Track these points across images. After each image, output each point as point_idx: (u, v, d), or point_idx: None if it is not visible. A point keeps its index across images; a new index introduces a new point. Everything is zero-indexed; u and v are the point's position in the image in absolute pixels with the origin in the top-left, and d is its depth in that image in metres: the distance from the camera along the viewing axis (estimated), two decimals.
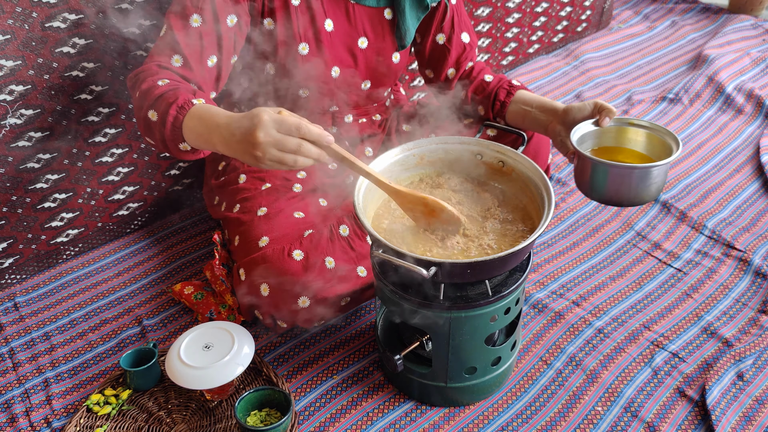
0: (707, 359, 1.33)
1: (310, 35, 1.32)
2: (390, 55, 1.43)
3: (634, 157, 1.32)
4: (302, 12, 1.31)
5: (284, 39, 1.31)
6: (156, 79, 1.14)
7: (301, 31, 1.31)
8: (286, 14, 1.30)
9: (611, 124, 1.31)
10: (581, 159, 1.24)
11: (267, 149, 0.98)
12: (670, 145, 1.25)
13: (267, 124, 0.97)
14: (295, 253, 1.26)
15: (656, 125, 1.29)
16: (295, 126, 0.98)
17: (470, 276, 1.06)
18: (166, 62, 1.18)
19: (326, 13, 1.33)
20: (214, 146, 1.06)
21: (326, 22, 1.33)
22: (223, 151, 1.05)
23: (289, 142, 0.98)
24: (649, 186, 1.23)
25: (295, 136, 0.98)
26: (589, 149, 1.32)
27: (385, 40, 1.41)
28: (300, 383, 1.31)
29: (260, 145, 0.97)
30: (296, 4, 1.30)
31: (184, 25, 1.19)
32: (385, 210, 1.23)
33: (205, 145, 1.09)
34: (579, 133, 1.28)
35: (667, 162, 1.20)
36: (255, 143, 0.98)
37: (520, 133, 1.25)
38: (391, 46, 1.42)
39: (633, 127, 1.31)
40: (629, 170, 1.21)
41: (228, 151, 1.04)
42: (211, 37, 1.21)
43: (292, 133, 0.98)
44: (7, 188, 1.42)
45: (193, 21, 1.19)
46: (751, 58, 2.32)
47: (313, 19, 1.32)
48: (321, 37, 1.33)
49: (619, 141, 1.33)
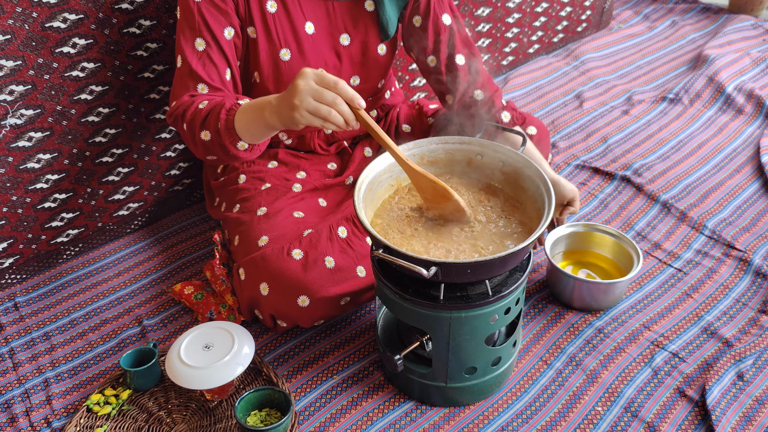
0: (707, 359, 1.33)
1: (290, 40, 1.33)
2: (375, 48, 1.42)
3: (601, 261, 1.53)
4: (280, 18, 1.32)
5: (265, 46, 1.32)
6: (196, 104, 1.22)
7: (281, 38, 1.32)
8: (264, 22, 1.31)
9: (581, 230, 1.52)
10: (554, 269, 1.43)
11: (304, 97, 1.04)
12: (633, 256, 1.44)
13: (308, 74, 1.04)
14: (295, 253, 1.26)
15: (623, 235, 1.48)
16: (333, 81, 1.04)
17: (470, 276, 1.06)
18: (194, 92, 1.25)
19: (305, 15, 1.34)
20: (266, 121, 1.12)
21: (306, 25, 1.34)
22: (273, 119, 1.11)
23: (326, 95, 1.04)
24: (609, 296, 1.42)
25: (332, 90, 1.04)
26: (560, 251, 1.53)
27: (369, 33, 1.40)
28: (300, 383, 1.31)
29: (299, 92, 1.04)
30: (273, 12, 1.31)
31: (194, 52, 1.26)
32: (383, 211, 1.23)
33: (259, 129, 1.15)
34: (553, 238, 1.49)
35: (626, 279, 1.39)
36: (294, 92, 1.04)
37: (521, 133, 1.26)
38: (375, 38, 1.41)
39: (601, 233, 1.51)
40: (594, 284, 1.40)
41: (275, 115, 1.10)
42: (218, 55, 1.27)
43: (330, 87, 1.04)
44: (7, 188, 1.42)
45: (199, 45, 1.26)
46: (751, 58, 2.32)
47: (293, 24, 1.33)
48: (302, 41, 1.33)
49: (588, 245, 1.53)
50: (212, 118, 1.18)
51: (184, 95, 1.25)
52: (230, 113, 1.16)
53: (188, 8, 1.25)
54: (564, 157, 1.92)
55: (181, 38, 1.27)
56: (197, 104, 1.22)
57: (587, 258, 1.54)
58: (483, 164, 1.26)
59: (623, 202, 1.75)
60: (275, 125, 1.12)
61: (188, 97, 1.24)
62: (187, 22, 1.26)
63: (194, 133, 1.21)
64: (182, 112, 1.23)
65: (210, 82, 1.26)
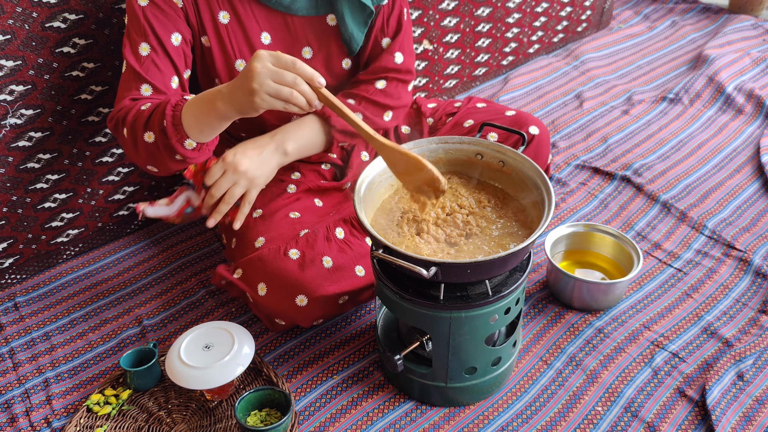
0: (707, 359, 1.33)
1: (245, 51, 1.31)
2: (340, 62, 1.40)
3: (601, 261, 1.53)
4: (233, 29, 1.29)
5: (220, 57, 1.30)
6: (138, 106, 1.17)
7: (235, 48, 1.30)
8: (217, 33, 1.29)
9: (581, 230, 1.52)
10: (554, 269, 1.42)
11: (264, 80, 1.00)
12: (633, 256, 1.44)
13: (263, 56, 1.01)
14: (291, 252, 1.26)
15: (623, 235, 1.48)
16: (291, 61, 1.01)
17: (470, 276, 1.06)
18: (137, 95, 1.21)
19: (261, 26, 1.31)
20: (218, 111, 1.08)
21: (262, 36, 1.31)
22: (226, 108, 1.07)
23: (286, 76, 1.01)
24: (609, 296, 1.42)
25: (290, 71, 1.01)
26: (560, 252, 1.53)
27: (331, 48, 1.38)
28: (300, 383, 1.31)
29: (257, 75, 1.00)
30: (225, 23, 1.28)
31: (137, 57, 1.21)
32: (382, 212, 1.23)
33: (209, 122, 1.10)
34: (553, 238, 1.49)
35: (626, 279, 1.39)
36: (252, 75, 1.00)
37: (521, 133, 1.26)
38: (339, 53, 1.39)
39: (601, 233, 1.51)
40: (594, 284, 1.40)
41: (229, 104, 1.06)
42: (164, 61, 1.23)
43: (288, 68, 1.01)
44: (7, 188, 1.42)
45: (143, 50, 1.21)
46: (751, 58, 2.32)
47: (246, 34, 1.30)
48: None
49: (588, 245, 1.53)
50: (156, 117, 1.12)
51: (125, 98, 1.20)
52: (176, 108, 1.11)
53: (134, 12, 1.21)
54: (564, 157, 1.92)
55: (126, 43, 1.23)
56: (139, 106, 1.16)
57: (587, 258, 1.54)
58: (483, 164, 1.26)
59: (623, 202, 1.75)
60: (229, 114, 1.08)
61: (130, 101, 1.19)
62: (132, 26, 1.22)
63: (136, 137, 1.15)
64: (123, 115, 1.18)
65: (155, 84, 1.21)
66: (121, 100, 1.21)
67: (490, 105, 1.56)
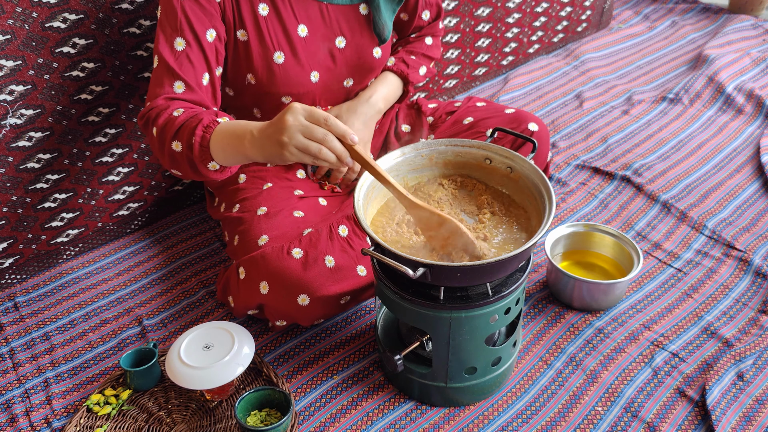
0: (707, 359, 1.33)
1: (283, 43, 1.32)
2: (371, 51, 1.42)
3: (601, 261, 1.53)
4: (272, 21, 1.30)
5: (258, 49, 1.31)
6: (170, 111, 1.17)
7: (274, 40, 1.31)
8: (256, 25, 1.29)
9: (581, 230, 1.52)
10: (554, 269, 1.43)
11: (294, 134, 1.00)
12: (633, 256, 1.44)
13: (297, 110, 1.01)
14: (295, 252, 1.26)
15: (623, 235, 1.48)
16: (323, 117, 1.01)
17: (461, 279, 1.05)
18: (170, 92, 1.21)
19: (298, 18, 1.32)
20: (245, 152, 1.08)
21: (299, 28, 1.33)
22: (254, 152, 1.07)
23: (316, 131, 1.00)
24: (609, 296, 1.42)
25: (321, 126, 1.01)
26: (560, 252, 1.53)
27: (364, 36, 1.40)
28: (300, 383, 1.31)
29: (288, 129, 1.00)
30: (265, 14, 1.30)
31: (172, 52, 1.21)
32: (385, 210, 1.23)
33: (235, 156, 1.11)
34: (553, 238, 1.49)
35: (626, 279, 1.39)
36: (283, 128, 1.01)
37: (531, 140, 1.24)
38: (370, 41, 1.41)
39: (601, 233, 1.51)
40: (594, 284, 1.40)
41: (258, 150, 1.06)
42: (198, 57, 1.23)
43: (320, 123, 1.01)
44: (7, 188, 1.42)
45: (178, 45, 1.21)
46: (751, 58, 2.32)
47: (285, 26, 1.31)
48: (295, 43, 1.32)
49: (588, 245, 1.53)
50: (186, 131, 1.13)
51: (159, 97, 1.20)
52: (207, 131, 1.11)
53: (171, 6, 1.21)
54: (564, 157, 1.92)
55: (160, 37, 1.22)
56: (172, 111, 1.16)
57: (587, 258, 1.54)
58: (491, 169, 1.26)
59: (623, 202, 1.75)
60: (255, 158, 1.09)
61: (164, 101, 1.19)
62: (168, 20, 1.22)
63: (164, 142, 1.16)
64: (155, 116, 1.18)
65: (187, 80, 1.21)
66: (155, 97, 1.21)
67: (489, 104, 1.57)
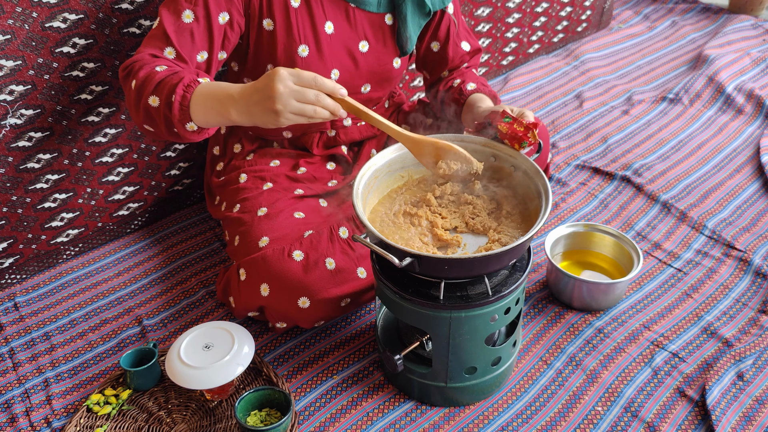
0: (707, 359, 1.33)
1: (309, 37, 1.32)
2: (391, 61, 1.43)
3: (601, 261, 1.53)
4: (302, 14, 1.30)
5: (284, 40, 1.31)
6: (153, 66, 1.15)
7: (301, 33, 1.31)
8: (286, 16, 1.29)
9: (581, 230, 1.52)
10: (554, 269, 1.43)
11: (287, 101, 1.01)
12: (633, 256, 1.44)
13: (284, 76, 1.01)
14: (295, 254, 1.26)
15: (623, 235, 1.48)
16: (312, 78, 1.02)
17: (448, 272, 1.05)
18: (159, 54, 1.19)
19: (326, 15, 1.33)
20: (229, 117, 1.08)
21: (326, 25, 1.33)
22: (240, 119, 1.07)
23: (308, 93, 1.02)
24: (609, 296, 1.42)
25: (312, 88, 1.02)
26: (560, 252, 1.53)
27: (386, 46, 1.41)
28: (300, 383, 1.31)
29: (280, 96, 1.01)
30: (296, 6, 1.30)
31: (176, 20, 1.19)
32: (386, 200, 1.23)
33: (216, 119, 1.11)
34: (553, 238, 1.49)
35: (626, 279, 1.39)
36: (274, 96, 1.01)
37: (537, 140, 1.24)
38: (392, 51, 1.42)
39: (601, 233, 1.51)
40: (594, 284, 1.40)
41: (246, 116, 1.06)
42: (202, 34, 1.21)
43: (309, 85, 1.02)
44: (7, 188, 1.42)
45: (186, 17, 1.20)
46: (751, 58, 2.32)
47: (313, 21, 1.31)
48: (320, 39, 1.33)
49: (588, 245, 1.53)
50: (166, 88, 1.10)
51: (145, 52, 1.17)
52: (188, 90, 1.09)
53: None
54: (564, 157, 1.92)
55: (169, 5, 1.19)
56: (155, 66, 1.14)
57: (587, 258, 1.54)
58: (495, 167, 1.25)
59: (623, 202, 1.75)
60: (240, 123, 1.08)
61: (149, 56, 1.16)
62: None
63: (142, 95, 1.12)
64: (138, 68, 1.14)
65: (180, 51, 1.18)
66: (141, 51, 1.18)
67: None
